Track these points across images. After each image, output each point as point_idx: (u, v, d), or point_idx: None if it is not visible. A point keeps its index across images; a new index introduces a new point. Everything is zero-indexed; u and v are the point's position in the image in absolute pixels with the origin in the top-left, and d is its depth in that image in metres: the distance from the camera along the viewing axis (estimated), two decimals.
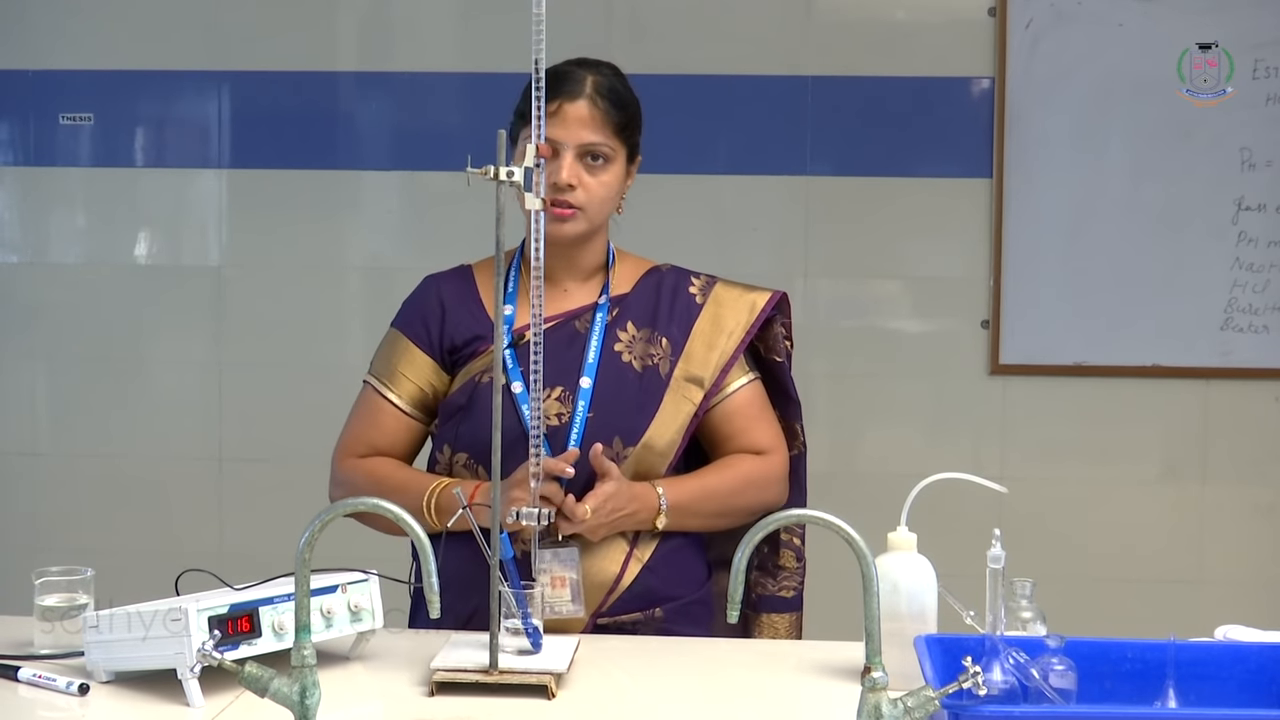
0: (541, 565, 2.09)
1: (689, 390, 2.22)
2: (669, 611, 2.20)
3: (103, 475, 3.89)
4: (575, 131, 2.15)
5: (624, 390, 2.19)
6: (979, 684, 1.44)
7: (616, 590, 2.17)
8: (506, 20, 3.38)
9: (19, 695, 1.84)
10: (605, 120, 2.17)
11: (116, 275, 3.92)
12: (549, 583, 2.09)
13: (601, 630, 2.16)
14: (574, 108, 2.15)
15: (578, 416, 2.16)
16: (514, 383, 2.17)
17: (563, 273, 2.25)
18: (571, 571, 2.12)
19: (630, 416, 2.18)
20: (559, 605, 2.10)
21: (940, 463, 2.07)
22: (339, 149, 3.83)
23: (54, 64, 3.86)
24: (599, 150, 2.16)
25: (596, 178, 2.17)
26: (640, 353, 2.22)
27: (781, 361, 2.32)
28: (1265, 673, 1.68)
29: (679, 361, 2.23)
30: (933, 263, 3.76)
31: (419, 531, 1.56)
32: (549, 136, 2.10)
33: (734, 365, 2.25)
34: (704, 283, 2.30)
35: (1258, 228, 3.65)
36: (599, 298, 2.26)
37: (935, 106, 3.70)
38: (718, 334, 2.25)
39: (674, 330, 2.24)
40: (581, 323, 2.23)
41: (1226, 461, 3.71)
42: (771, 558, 2.34)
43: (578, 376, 2.19)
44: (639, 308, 2.26)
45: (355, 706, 1.84)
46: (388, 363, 2.28)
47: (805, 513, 1.57)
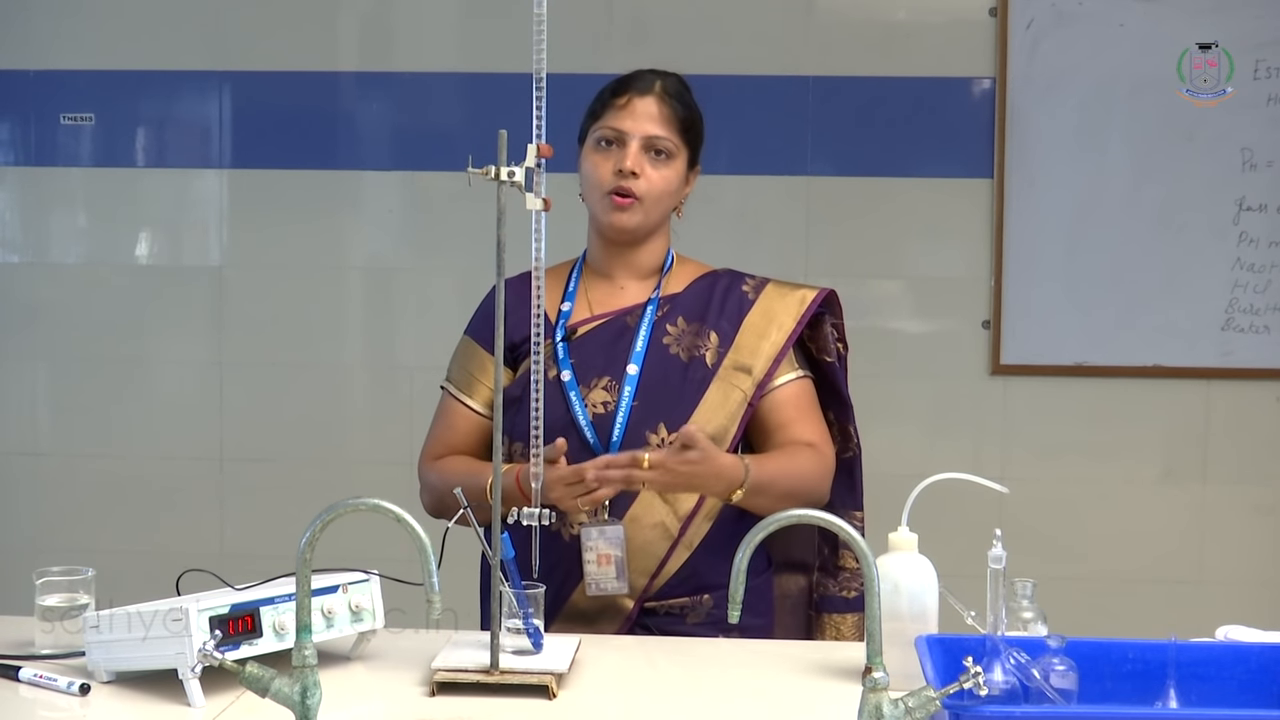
0: (588, 542, 2.17)
1: (738, 378, 2.26)
2: (719, 599, 2.21)
3: (103, 475, 3.89)
4: (642, 124, 2.24)
5: (669, 378, 2.24)
6: (980, 684, 1.44)
7: (662, 573, 2.20)
8: (506, 20, 3.39)
9: (20, 695, 1.84)
10: (671, 117, 2.26)
11: (116, 275, 3.92)
12: (595, 560, 2.16)
13: (649, 614, 2.20)
14: (643, 102, 2.25)
15: (623, 403, 2.21)
16: (563, 372, 2.24)
17: (621, 271, 2.33)
18: (617, 549, 2.17)
19: (674, 403, 2.22)
20: (604, 582, 2.17)
21: (941, 463, 2.07)
22: (339, 149, 3.83)
23: (54, 64, 3.86)
24: (662, 145, 2.25)
25: (659, 171, 2.25)
26: (687, 345, 2.27)
27: (833, 362, 2.35)
28: (1266, 673, 1.68)
29: (728, 352, 2.27)
30: (933, 263, 3.76)
31: (419, 531, 1.56)
32: (617, 127, 2.24)
33: (784, 358, 2.28)
34: (757, 282, 2.36)
35: (1259, 228, 3.65)
36: (652, 294, 2.31)
37: (936, 107, 3.70)
38: (769, 326, 2.29)
39: (724, 324, 2.29)
40: (632, 318, 2.30)
41: (1227, 462, 3.71)
42: (832, 559, 2.36)
43: (625, 365, 2.24)
44: (690, 305, 2.31)
45: (356, 706, 1.83)
46: (461, 368, 2.37)
47: (805, 513, 1.56)
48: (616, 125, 2.24)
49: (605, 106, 2.27)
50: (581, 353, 2.26)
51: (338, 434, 3.86)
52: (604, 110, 2.27)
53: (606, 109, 2.27)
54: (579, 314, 2.31)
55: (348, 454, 3.83)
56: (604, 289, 2.33)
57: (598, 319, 2.30)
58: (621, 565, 2.17)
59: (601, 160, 2.25)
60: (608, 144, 2.26)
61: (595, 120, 2.28)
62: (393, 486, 3.77)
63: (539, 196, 1.94)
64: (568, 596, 2.21)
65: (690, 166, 2.32)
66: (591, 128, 2.29)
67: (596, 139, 2.27)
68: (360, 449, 3.84)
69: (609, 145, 2.25)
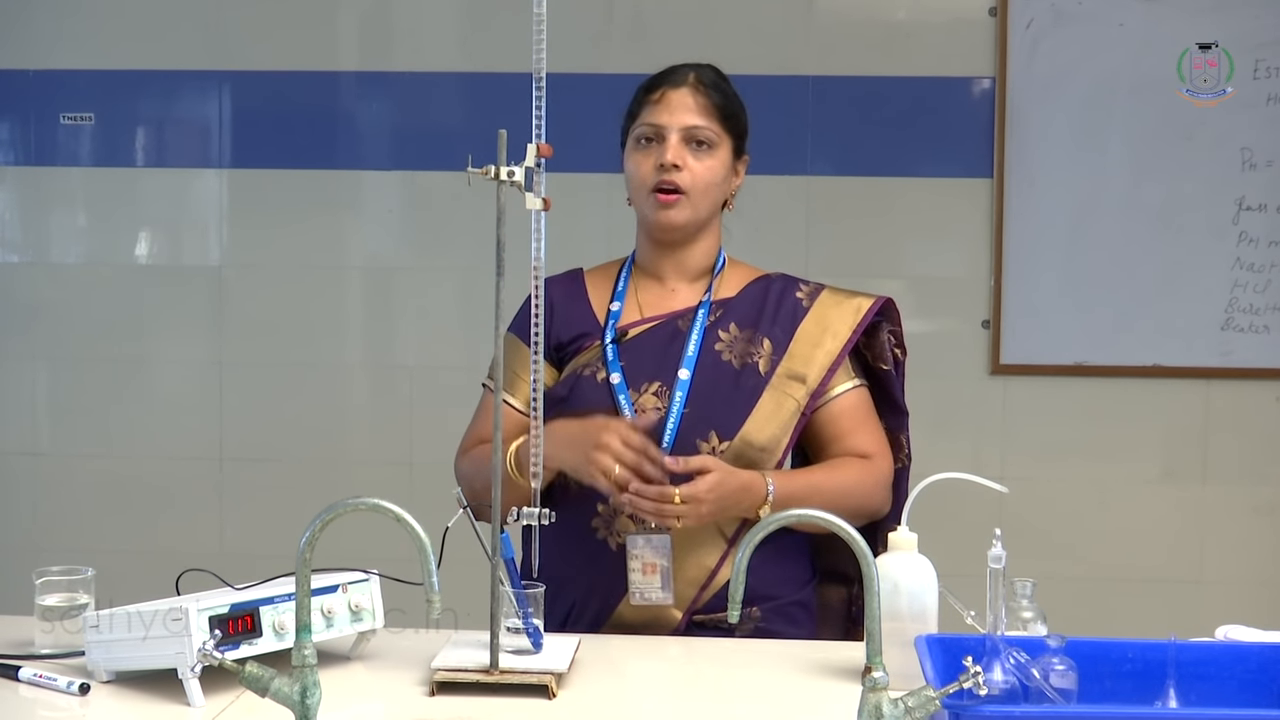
0: (633, 551, 2.14)
1: (791, 387, 2.22)
2: (766, 611, 2.20)
3: (103, 475, 3.89)
4: (679, 115, 2.21)
5: (720, 385, 2.21)
6: (979, 684, 1.44)
7: (711, 586, 2.17)
8: (506, 20, 3.39)
9: (19, 695, 1.84)
10: (708, 106, 2.23)
11: (117, 275, 3.92)
12: (640, 569, 2.13)
13: (698, 628, 2.16)
14: (677, 94, 2.23)
15: (674, 409, 2.18)
16: (613, 374, 2.21)
17: (671, 273, 2.30)
18: (663, 559, 2.14)
19: (726, 411, 2.19)
20: (649, 592, 2.14)
21: (941, 463, 2.07)
22: (339, 149, 3.83)
23: (54, 64, 3.86)
24: (702, 134, 2.22)
25: (702, 162, 2.22)
26: (740, 351, 2.24)
27: (889, 370, 2.33)
28: (1265, 673, 1.68)
29: (781, 360, 2.24)
30: (933, 263, 3.76)
31: (419, 531, 1.56)
32: (654, 122, 2.21)
33: (839, 367, 2.26)
34: (811, 289, 2.32)
35: (1259, 228, 3.65)
36: (703, 298, 2.28)
37: (936, 106, 3.70)
38: (823, 334, 2.26)
39: (777, 331, 2.26)
40: (684, 322, 2.26)
41: (1227, 461, 3.71)
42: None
43: (676, 370, 2.21)
44: (743, 311, 2.28)
45: (356, 706, 1.83)
46: (504, 366, 2.28)
47: (806, 513, 1.56)
48: (653, 120, 2.22)
49: (641, 104, 2.25)
50: (631, 355, 2.23)
51: (338, 434, 3.86)
52: (640, 108, 2.25)
53: (642, 106, 2.25)
54: (628, 316, 2.28)
55: (348, 454, 3.83)
56: (654, 291, 2.30)
57: (648, 321, 2.27)
58: (667, 575, 2.14)
59: (642, 158, 2.23)
60: (647, 141, 2.23)
61: (633, 120, 2.26)
62: (393, 486, 3.79)
63: (539, 196, 1.94)
64: (614, 607, 2.17)
65: (737, 156, 2.29)
66: (630, 128, 2.26)
67: (635, 138, 2.25)
68: (360, 449, 3.84)
69: (648, 143, 2.23)
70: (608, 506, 2.16)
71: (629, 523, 2.16)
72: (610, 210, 3.54)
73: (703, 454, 2.14)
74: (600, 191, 3.59)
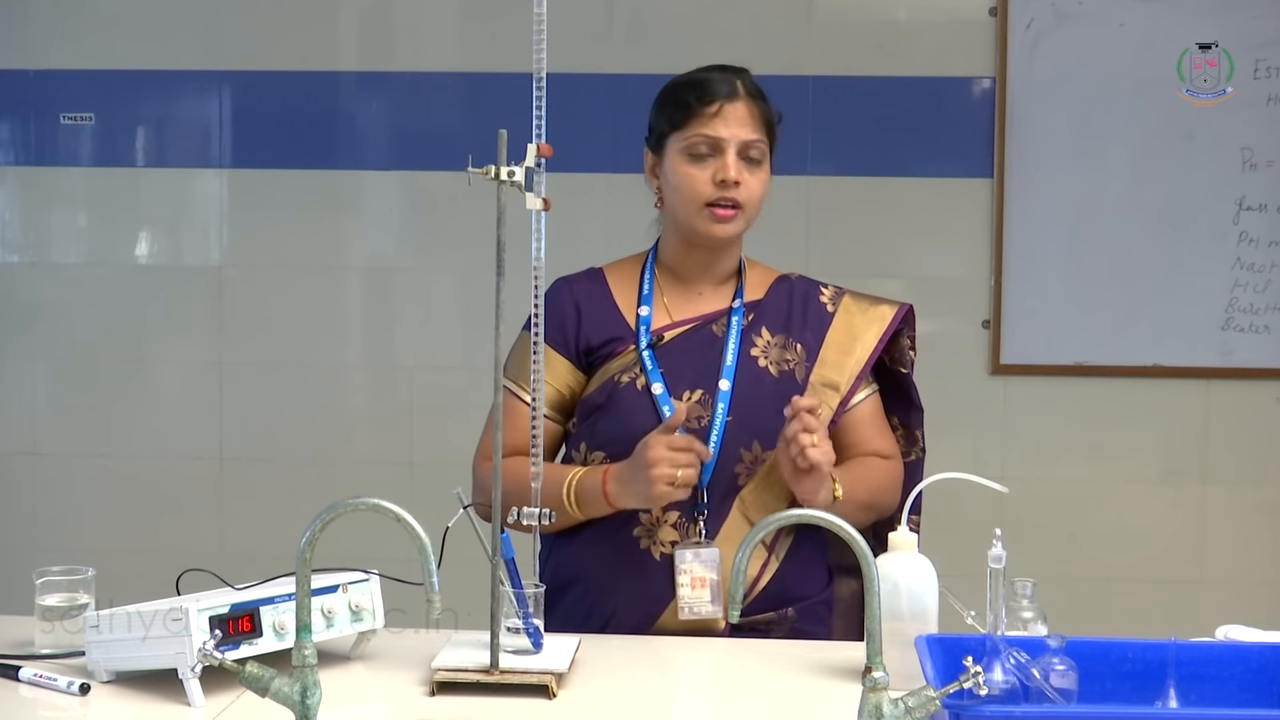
0: (681, 565, 2.13)
1: (826, 395, 2.24)
2: (801, 610, 2.21)
3: (103, 475, 3.89)
4: (735, 129, 2.19)
5: (762, 394, 2.21)
6: (980, 684, 1.44)
7: (754, 591, 2.18)
8: (506, 20, 3.40)
9: (20, 695, 1.84)
10: (761, 119, 2.22)
11: (117, 275, 3.92)
12: (689, 583, 2.12)
13: (737, 631, 2.16)
14: (733, 107, 2.20)
15: (717, 419, 2.19)
16: (654, 384, 2.20)
17: (700, 276, 2.29)
18: (712, 573, 2.13)
19: (769, 420, 2.17)
20: (699, 606, 2.12)
21: (941, 463, 2.08)
22: (339, 149, 3.83)
23: (54, 64, 3.86)
24: (756, 149, 2.21)
25: (755, 176, 2.22)
26: (776, 358, 2.25)
27: (907, 372, 2.35)
28: (1265, 673, 1.68)
29: (814, 367, 2.26)
30: (933, 263, 3.76)
31: (419, 531, 1.56)
32: (712, 135, 2.18)
33: (865, 375, 2.28)
34: (833, 292, 2.33)
35: (1259, 228, 3.65)
36: (733, 302, 2.28)
37: (936, 106, 3.70)
38: (852, 342, 2.28)
39: (808, 336, 2.27)
40: (718, 326, 2.26)
41: (1227, 461, 3.71)
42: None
43: (716, 379, 2.21)
44: (773, 314, 2.28)
45: (356, 706, 1.83)
46: (524, 367, 2.24)
47: (806, 513, 1.56)
48: (711, 133, 2.17)
49: (692, 113, 2.19)
50: (669, 361, 2.22)
51: (338, 434, 3.86)
52: (690, 118, 2.19)
53: (694, 117, 2.19)
54: (657, 319, 2.26)
55: (348, 454, 3.83)
56: (680, 293, 2.28)
57: (681, 325, 2.26)
58: (716, 589, 2.13)
59: (697, 171, 2.18)
60: (702, 154, 2.19)
61: (678, 129, 2.20)
62: (393, 486, 3.79)
63: (539, 196, 1.94)
64: (657, 617, 2.16)
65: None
66: (674, 135, 2.21)
67: (686, 148, 2.19)
68: (360, 449, 3.84)
69: (704, 155, 2.19)
70: (650, 515, 2.16)
71: (672, 531, 2.16)
72: (610, 210, 3.55)
73: (745, 462, 2.17)
74: (600, 191, 3.60)
